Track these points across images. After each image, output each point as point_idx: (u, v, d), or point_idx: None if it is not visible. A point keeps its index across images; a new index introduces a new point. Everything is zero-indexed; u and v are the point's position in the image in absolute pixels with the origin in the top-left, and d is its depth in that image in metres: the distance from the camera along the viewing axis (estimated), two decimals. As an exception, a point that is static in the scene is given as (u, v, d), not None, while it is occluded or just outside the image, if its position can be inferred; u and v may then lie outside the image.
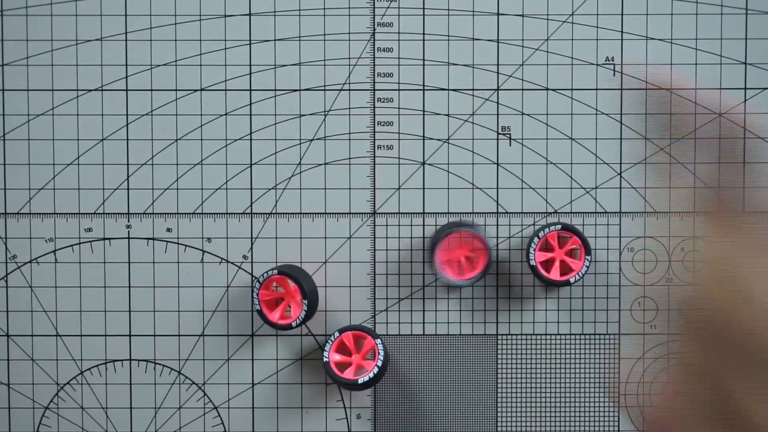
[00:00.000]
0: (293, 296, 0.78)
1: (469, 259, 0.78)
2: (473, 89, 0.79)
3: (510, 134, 0.79)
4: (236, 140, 0.79)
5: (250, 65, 0.79)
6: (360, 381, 0.76)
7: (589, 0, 0.79)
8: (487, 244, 0.77)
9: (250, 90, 0.79)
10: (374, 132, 0.79)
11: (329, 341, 0.77)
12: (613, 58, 0.79)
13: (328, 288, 0.80)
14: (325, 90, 0.79)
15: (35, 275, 0.80)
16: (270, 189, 0.79)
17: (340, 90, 0.79)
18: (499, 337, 0.80)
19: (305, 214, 0.80)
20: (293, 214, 0.80)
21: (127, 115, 0.79)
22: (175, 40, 0.79)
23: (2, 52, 0.79)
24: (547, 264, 0.78)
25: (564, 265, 0.78)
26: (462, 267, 0.78)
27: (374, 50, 0.79)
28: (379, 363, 0.76)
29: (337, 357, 0.77)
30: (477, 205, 0.79)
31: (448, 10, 0.79)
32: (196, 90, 0.79)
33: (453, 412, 0.80)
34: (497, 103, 0.79)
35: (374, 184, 0.80)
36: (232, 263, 0.80)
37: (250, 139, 0.79)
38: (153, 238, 0.80)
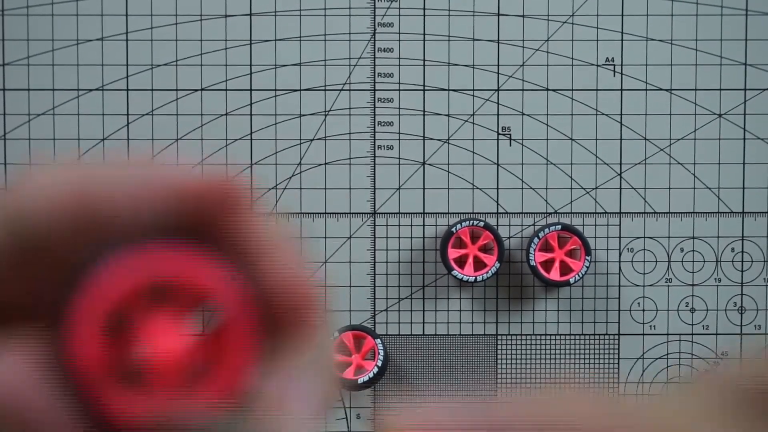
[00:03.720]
0: (293, 296, 0.78)
1: (480, 255, 0.78)
2: (473, 89, 0.79)
3: (510, 134, 0.79)
4: (237, 140, 0.79)
5: (251, 65, 0.79)
6: (360, 381, 0.76)
7: (589, 1, 0.79)
8: (499, 239, 0.77)
9: (251, 90, 0.79)
10: (374, 132, 0.79)
11: (329, 341, 0.77)
12: (613, 58, 0.79)
13: (328, 288, 0.80)
14: (325, 90, 0.79)
15: (36, 275, 0.80)
16: (270, 189, 0.79)
17: (340, 90, 0.79)
18: (499, 337, 0.80)
19: (305, 213, 0.80)
20: (293, 213, 0.80)
21: (127, 114, 0.79)
22: (176, 40, 0.79)
23: (3, 52, 0.79)
24: (547, 264, 0.78)
25: (564, 266, 0.78)
26: (473, 264, 0.78)
27: (374, 50, 0.79)
28: (379, 363, 0.76)
29: (337, 357, 0.77)
30: (477, 205, 0.79)
31: (449, 10, 0.79)
32: (196, 90, 0.79)
33: (453, 412, 0.80)
34: (497, 103, 0.79)
35: (374, 184, 0.80)
36: (233, 263, 0.80)
37: (251, 139, 0.79)
38: (153, 238, 0.80)
